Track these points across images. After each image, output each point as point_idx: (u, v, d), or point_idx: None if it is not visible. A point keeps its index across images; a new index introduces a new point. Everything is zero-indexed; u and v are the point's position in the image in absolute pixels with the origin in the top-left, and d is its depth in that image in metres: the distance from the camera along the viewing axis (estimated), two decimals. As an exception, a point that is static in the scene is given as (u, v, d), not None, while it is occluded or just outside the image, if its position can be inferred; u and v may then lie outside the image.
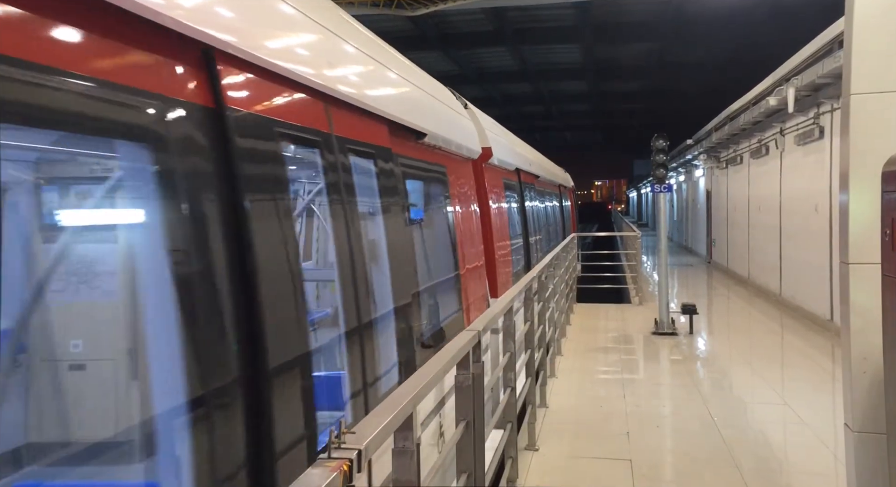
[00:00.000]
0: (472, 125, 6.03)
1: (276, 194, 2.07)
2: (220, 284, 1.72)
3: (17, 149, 1.88)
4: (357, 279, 2.67)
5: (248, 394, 1.77)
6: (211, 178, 1.74)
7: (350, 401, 2.52)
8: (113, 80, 1.45)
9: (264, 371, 1.82)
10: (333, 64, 2.69)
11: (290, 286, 2.09)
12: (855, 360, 3.01)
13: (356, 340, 2.57)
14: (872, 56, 3.03)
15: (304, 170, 2.41)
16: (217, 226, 1.73)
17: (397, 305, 3.17)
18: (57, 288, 2.21)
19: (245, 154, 1.86)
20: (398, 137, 3.56)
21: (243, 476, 1.71)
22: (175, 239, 1.62)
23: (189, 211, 1.63)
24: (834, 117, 9.96)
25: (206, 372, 1.65)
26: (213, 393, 1.66)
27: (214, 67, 1.77)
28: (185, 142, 1.66)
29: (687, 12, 16.86)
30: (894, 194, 2.66)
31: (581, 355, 8.95)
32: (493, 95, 29.25)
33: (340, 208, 2.60)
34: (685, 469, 5.24)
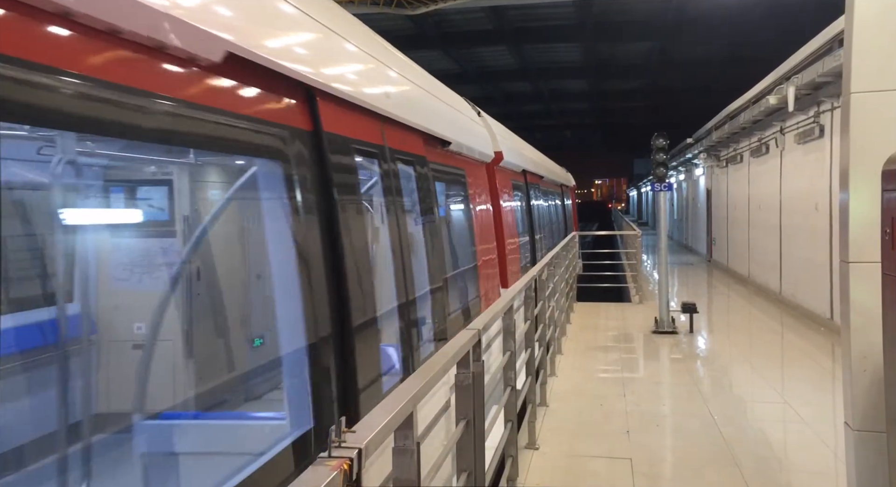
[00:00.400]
0: (485, 132, 6.67)
1: (354, 192, 2.75)
2: (325, 256, 2.43)
3: (208, 165, 2.73)
4: (406, 262, 3.41)
5: (339, 342, 2.46)
6: (315, 181, 2.41)
7: (408, 352, 3.28)
8: (265, 118, 2.14)
9: (349, 327, 2.51)
10: (386, 90, 3.37)
11: (366, 261, 2.79)
12: (855, 359, 3.02)
13: (404, 311, 3.31)
14: (873, 54, 3.03)
15: (369, 174, 3.12)
16: (321, 214, 2.45)
17: (433, 287, 3.85)
18: (253, 265, 3.10)
19: (334, 164, 2.54)
20: (430, 146, 4.25)
21: (338, 402, 2.42)
22: (301, 222, 2.30)
23: (304, 203, 2.33)
24: (834, 116, 9.96)
25: (317, 325, 2.31)
26: (322, 340, 2.34)
27: (316, 102, 2.46)
28: (299, 156, 2.32)
29: (687, 11, 16.86)
30: (894, 193, 2.66)
31: (581, 354, 8.96)
32: (494, 94, 29.25)
33: (392, 205, 3.28)
34: (685, 467, 5.25)
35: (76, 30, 1.41)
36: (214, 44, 1.81)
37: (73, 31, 1.40)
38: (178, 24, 1.63)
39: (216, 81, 1.90)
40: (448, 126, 4.70)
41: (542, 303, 6.55)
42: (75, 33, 1.41)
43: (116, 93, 1.48)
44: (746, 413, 6.47)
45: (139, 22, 1.50)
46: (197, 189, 2.75)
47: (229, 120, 1.93)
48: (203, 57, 1.77)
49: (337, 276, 2.49)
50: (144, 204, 2.81)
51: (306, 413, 2.20)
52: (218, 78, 1.90)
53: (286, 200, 2.25)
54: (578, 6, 17.09)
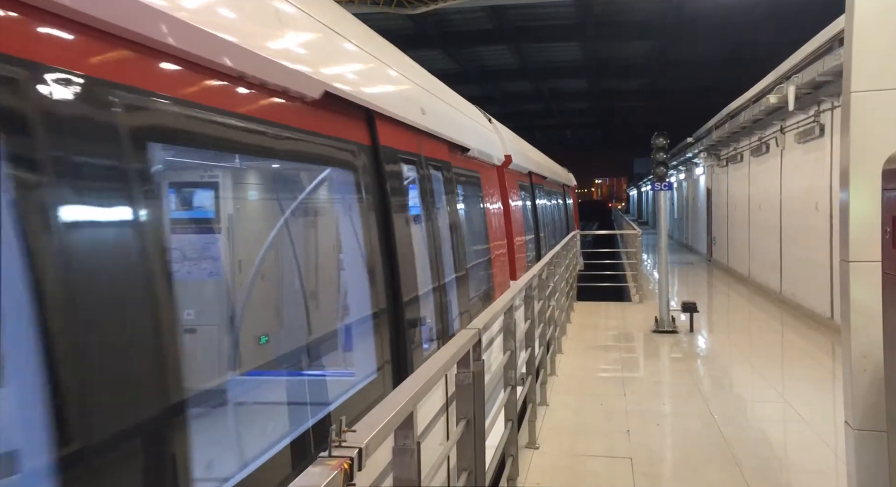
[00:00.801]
0: (496, 137, 7.32)
1: (402, 192, 3.46)
2: (381, 241, 3.11)
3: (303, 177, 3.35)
4: (439, 251, 4.15)
5: (392, 315, 3.16)
6: (374, 184, 3.09)
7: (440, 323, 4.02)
8: (343, 137, 2.80)
9: (400, 304, 3.19)
10: (422, 107, 4.01)
11: (412, 247, 3.49)
12: (855, 358, 3.02)
13: (440, 292, 4.04)
14: (873, 54, 3.03)
15: (410, 177, 3.77)
16: (379, 210, 3.11)
17: (458, 275, 4.63)
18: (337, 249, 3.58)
19: (387, 171, 3.23)
20: (453, 152, 4.93)
21: (392, 360, 3.09)
22: (366, 216, 2.98)
23: (368, 201, 3.00)
24: (834, 115, 9.96)
25: (376, 299, 3.00)
26: (379, 311, 3.02)
27: (374, 123, 3.11)
28: (364, 165, 2.97)
29: (687, 10, 16.85)
30: (895, 192, 2.66)
31: (581, 353, 8.96)
32: (493, 94, 29.23)
33: (426, 203, 4.02)
34: (685, 467, 5.25)
35: (237, 83, 2.03)
36: (317, 85, 2.49)
37: (235, 85, 2.02)
38: (296, 74, 2.33)
39: (315, 111, 2.53)
40: (467, 135, 5.39)
41: (542, 302, 6.56)
42: (236, 86, 2.03)
43: (267, 128, 2.17)
44: (747, 413, 6.47)
45: (275, 75, 2.20)
46: (297, 191, 3.43)
47: (323, 139, 2.61)
48: (309, 95, 2.44)
49: (390, 258, 3.21)
50: (283, 201, 3.74)
51: (372, 367, 2.93)
52: (315, 108, 2.52)
53: (355, 199, 2.95)
54: (578, 5, 17.08)
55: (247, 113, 2.05)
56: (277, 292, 3.68)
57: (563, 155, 26.45)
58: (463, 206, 5.26)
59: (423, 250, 3.82)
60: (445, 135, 4.53)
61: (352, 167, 2.89)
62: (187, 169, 3.17)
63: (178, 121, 1.71)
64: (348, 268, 3.15)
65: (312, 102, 2.48)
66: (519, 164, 8.44)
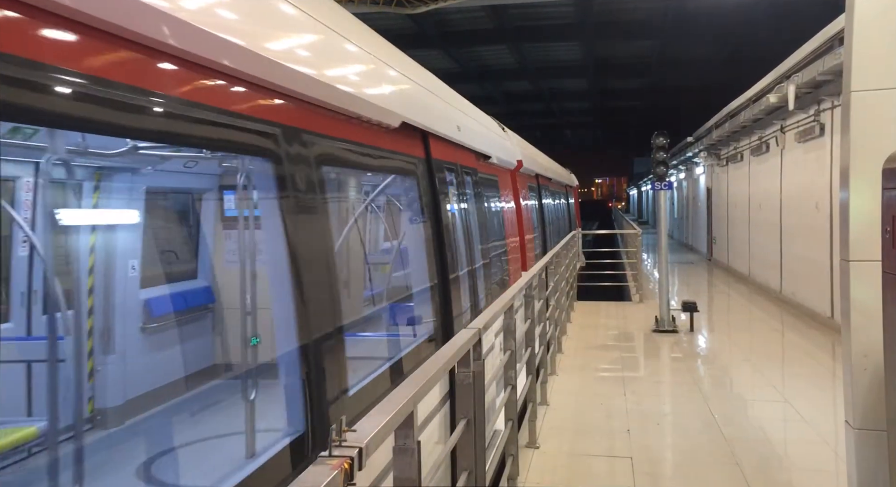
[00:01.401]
0: (510, 144, 8.30)
1: (447, 194, 4.43)
2: (434, 231, 4.04)
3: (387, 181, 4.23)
4: (470, 242, 5.15)
5: (441, 286, 4.07)
6: (429, 189, 4.02)
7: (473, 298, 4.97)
8: (409, 153, 3.72)
9: (447, 281, 4.12)
10: (458, 125, 5.01)
11: (455, 237, 4.56)
12: (855, 357, 3.02)
13: (472, 274, 5.05)
14: (873, 53, 3.03)
15: (452, 182, 4.72)
16: (432, 207, 4.01)
17: (484, 262, 5.58)
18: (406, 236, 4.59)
19: (440, 180, 4.21)
20: (478, 160, 5.92)
21: (442, 321, 4.02)
22: (425, 212, 3.90)
23: (425, 201, 3.92)
24: (834, 114, 9.96)
25: (432, 273, 3.96)
26: (433, 284, 3.98)
27: (428, 141, 4.08)
28: (422, 173, 3.92)
29: (687, 9, 16.84)
30: (895, 191, 2.66)
31: (582, 353, 8.96)
32: (493, 93, 29.22)
33: (462, 202, 5.00)
34: (686, 466, 5.25)
35: (357, 122, 2.93)
36: (396, 116, 3.36)
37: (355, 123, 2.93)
38: (389, 112, 3.25)
39: (393, 135, 3.42)
40: (488, 145, 6.35)
41: (542, 302, 6.56)
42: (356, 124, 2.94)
43: (366, 149, 3.06)
44: (747, 412, 6.47)
45: (380, 114, 3.12)
46: (389, 192, 4.67)
47: (399, 156, 3.55)
48: (393, 125, 3.34)
49: (440, 243, 4.14)
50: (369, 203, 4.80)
51: (429, 328, 3.90)
52: (393, 134, 3.42)
53: (418, 200, 3.92)
54: (578, 5, 17.08)
55: (361, 141, 2.99)
56: (390, 262, 5.09)
57: (564, 154, 26.45)
58: (486, 205, 6.18)
59: (461, 239, 4.88)
60: (473, 147, 5.55)
61: (417, 175, 3.90)
62: (344, 180, 4.09)
63: (340, 151, 2.77)
64: (415, 249, 4.09)
65: (393, 129, 3.40)
66: (528, 168, 9.41)
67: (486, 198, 6.25)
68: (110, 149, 3.53)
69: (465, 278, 4.74)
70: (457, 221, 4.76)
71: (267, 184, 2.18)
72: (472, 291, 4.93)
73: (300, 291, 2.22)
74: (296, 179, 2.30)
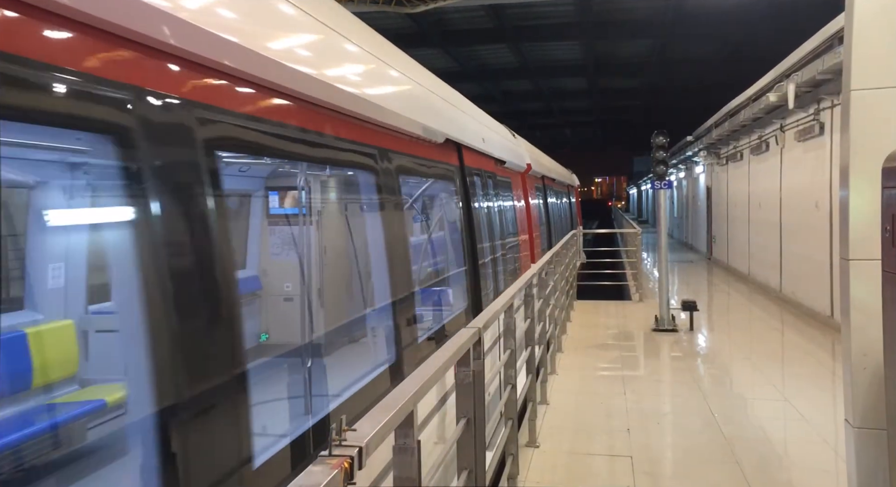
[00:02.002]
0: (520, 149, 9.38)
1: (476, 195, 5.45)
2: (465, 226, 5.15)
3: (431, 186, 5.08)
4: (494, 235, 6.32)
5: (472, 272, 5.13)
6: (461, 190, 5.10)
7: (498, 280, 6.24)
8: (447, 161, 4.77)
9: (476, 266, 5.16)
10: (483, 137, 6.08)
11: (481, 231, 5.59)
12: (855, 356, 3.02)
13: (494, 261, 6.21)
14: (873, 52, 3.03)
15: (479, 185, 5.70)
16: (465, 207, 5.12)
17: (502, 253, 6.77)
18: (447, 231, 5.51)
19: (470, 183, 5.23)
20: (496, 165, 6.99)
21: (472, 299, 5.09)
22: (459, 211, 5.10)
23: (460, 202, 5.11)
24: (834, 113, 9.96)
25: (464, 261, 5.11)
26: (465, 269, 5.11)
27: (461, 152, 5.12)
28: (457, 179, 5.01)
29: (687, 8, 16.83)
30: (894, 190, 2.66)
31: (581, 352, 8.96)
32: (493, 92, 29.21)
33: (485, 202, 6.04)
34: (686, 465, 5.25)
35: (416, 140, 3.77)
36: (442, 135, 4.34)
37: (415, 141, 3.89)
38: (439, 133, 4.32)
39: (438, 147, 4.44)
40: (503, 151, 7.34)
41: (542, 301, 6.57)
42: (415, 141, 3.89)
43: (419, 161, 3.98)
44: (747, 411, 6.47)
45: (433, 134, 4.19)
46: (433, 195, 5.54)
47: (439, 164, 4.51)
48: (438, 141, 4.37)
49: (471, 236, 5.23)
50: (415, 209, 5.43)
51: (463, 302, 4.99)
52: (438, 146, 4.42)
53: (454, 201, 5.00)
54: (578, 4, 17.07)
55: (417, 154, 3.90)
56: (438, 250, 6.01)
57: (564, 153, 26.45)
58: (503, 203, 7.27)
59: (486, 232, 5.91)
60: (493, 154, 6.65)
61: (454, 180, 4.98)
62: (413, 184, 4.88)
63: (410, 164, 3.73)
64: (454, 240, 5.20)
65: (437, 144, 4.38)
66: (536, 170, 10.55)
67: (503, 197, 7.35)
68: None
69: (489, 264, 5.96)
70: (482, 217, 5.86)
71: (371, 188, 3.27)
72: (493, 275, 6.22)
73: (405, 263, 3.54)
74: (388, 185, 3.34)
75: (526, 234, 8.95)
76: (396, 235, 3.43)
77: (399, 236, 3.47)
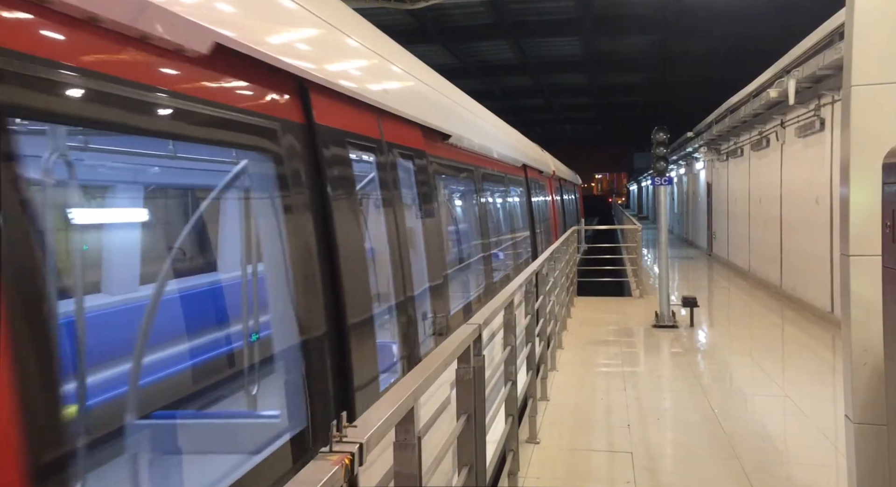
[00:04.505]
0: (548, 160, 14.16)
1: (534, 196, 10.95)
2: (530, 216, 10.15)
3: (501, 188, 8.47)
4: (534, 221, 10.42)
5: (532, 240, 10.15)
6: (527, 193, 10.33)
7: (540, 245, 10.72)
8: (519, 175, 9.40)
9: (536, 241, 10.38)
10: (535, 157, 11.53)
11: (538, 217, 11.03)
12: (855, 352, 3.02)
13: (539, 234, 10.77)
14: (873, 47, 3.02)
15: (534, 188, 8.98)
16: (529, 204, 10.39)
17: (544, 225, 11.43)
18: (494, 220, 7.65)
19: (530, 187, 10.37)
20: (540, 174, 11.72)
21: (532, 255, 9.67)
22: (527, 207, 10.10)
23: (525, 200, 10.05)
24: (835, 109, 9.94)
25: (528, 234, 9.92)
26: (527, 235, 9.80)
27: (526, 169, 10.15)
28: (524, 184, 10.04)
29: (687, 4, 16.79)
30: (895, 186, 2.66)
31: (582, 348, 8.97)
32: (493, 89, 29.16)
33: (537, 198, 11.03)
34: (686, 461, 5.26)
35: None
36: (521, 162, 9.10)
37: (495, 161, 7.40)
38: (516, 160, 9.02)
39: (515, 168, 8.78)
40: (543, 165, 11.47)
41: (542, 298, 6.57)
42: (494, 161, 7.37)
43: (513, 178, 8.68)
44: (747, 407, 6.48)
45: (517, 161, 9.32)
46: (505, 196, 8.23)
47: (518, 177, 8.99)
48: (516, 165, 8.64)
49: (531, 217, 9.94)
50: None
51: (530, 249, 9.65)
52: (516, 167, 8.81)
53: (522, 199, 9.19)
54: (578, 0, 17.03)
55: (513, 173, 7.84)
56: (521, 222, 9.29)
57: (564, 150, 26.42)
58: (543, 199, 11.68)
59: (538, 216, 10.02)
60: (537, 166, 10.77)
61: (522, 186, 8.98)
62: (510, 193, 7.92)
63: (507, 181, 8.18)
64: (523, 218, 8.53)
65: (516, 166, 7.70)
66: (557, 175, 15.29)
67: (543, 195, 11.92)
68: None
69: (537, 232, 10.49)
70: (536, 205, 10.41)
71: (503, 193, 7.27)
72: (539, 241, 10.60)
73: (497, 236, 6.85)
74: (507, 191, 7.49)
75: (552, 219, 13.67)
76: (509, 215, 8.24)
77: (510, 215, 8.27)
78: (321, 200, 2.50)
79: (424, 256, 3.88)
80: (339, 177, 2.59)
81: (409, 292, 3.43)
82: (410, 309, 3.44)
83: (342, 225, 2.61)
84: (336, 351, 2.49)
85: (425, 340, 3.69)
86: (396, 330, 3.30)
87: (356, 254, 2.77)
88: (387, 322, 3.23)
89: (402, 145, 3.37)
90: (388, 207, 3.28)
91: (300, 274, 2.34)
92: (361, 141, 2.88)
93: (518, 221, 9.05)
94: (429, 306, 3.84)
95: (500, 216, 7.83)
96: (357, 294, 2.68)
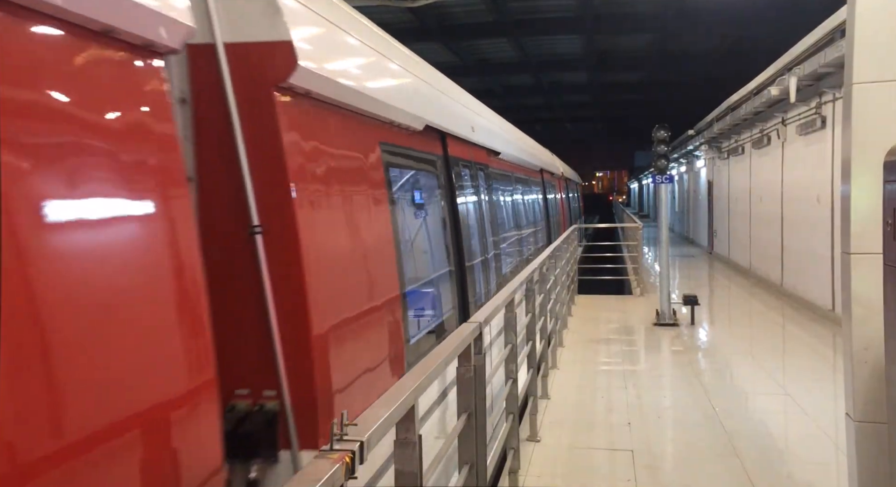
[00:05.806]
0: (556, 163, 16.30)
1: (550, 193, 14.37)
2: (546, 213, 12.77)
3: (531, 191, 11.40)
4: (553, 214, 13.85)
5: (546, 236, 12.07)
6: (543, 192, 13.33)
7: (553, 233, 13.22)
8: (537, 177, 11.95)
9: (549, 223, 12.86)
10: (548, 162, 13.64)
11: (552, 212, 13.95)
12: (856, 350, 3.02)
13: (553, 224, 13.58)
14: (875, 45, 3.02)
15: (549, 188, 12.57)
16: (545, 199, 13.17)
17: (556, 216, 14.53)
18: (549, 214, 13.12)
19: (546, 188, 13.63)
20: (552, 176, 14.31)
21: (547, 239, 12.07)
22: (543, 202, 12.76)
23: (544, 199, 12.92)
24: (836, 107, 9.93)
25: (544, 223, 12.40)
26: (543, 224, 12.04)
27: (542, 172, 12.87)
28: (545, 187, 13.44)
29: (688, 2, 16.77)
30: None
31: (583, 346, 8.97)
32: (494, 87, 29.13)
33: (552, 195, 14.16)
34: (687, 459, 5.26)
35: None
36: (538, 167, 11.28)
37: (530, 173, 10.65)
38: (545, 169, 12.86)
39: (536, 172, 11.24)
40: (554, 168, 14.15)
41: (543, 296, 6.57)
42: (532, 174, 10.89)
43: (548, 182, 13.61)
44: (748, 405, 6.48)
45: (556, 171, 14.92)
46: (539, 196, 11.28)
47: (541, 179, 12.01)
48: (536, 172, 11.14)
49: (547, 209, 12.49)
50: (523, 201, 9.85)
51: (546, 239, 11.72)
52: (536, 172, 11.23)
53: (540, 195, 11.82)
54: (579, -2, 17.00)
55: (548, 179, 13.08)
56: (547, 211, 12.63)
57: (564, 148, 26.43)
58: (555, 196, 14.32)
59: (553, 210, 13.33)
60: (550, 169, 12.98)
61: (540, 186, 11.53)
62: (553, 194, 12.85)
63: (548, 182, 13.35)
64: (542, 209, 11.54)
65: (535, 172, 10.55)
66: (564, 176, 17.64)
67: (554, 193, 14.43)
68: None
69: (551, 221, 12.92)
70: (551, 201, 13.24)
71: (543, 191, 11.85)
72: (552, 229, 12.73)
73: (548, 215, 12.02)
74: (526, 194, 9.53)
75: (561, 213, 16.02)
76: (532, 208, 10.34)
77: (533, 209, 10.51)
78: (451, 195, 4.56)
79: (495, 229, 6.41)
80: (459, 183, 4.76)
81: (496, 249, 6.24)
82: (497, 259, 6.22)
83: (462, 208, 4.82)
84: (460, 276, 4.50)
85: (506, 273, 6.52)
86: (493, 267, 5.90)
87: (471, 224, 5.16)
88: (485, 264, 5.56)
89: (477, 162, 5.68)
90: (476, 197, 5.55)
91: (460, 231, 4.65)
92: (465, 162, 5.11)
93: (538, 213, 11.67)
94: (503, 259, 6.67)
95: (528, 209, 10.29)
96: (470, 246, 4.90)
